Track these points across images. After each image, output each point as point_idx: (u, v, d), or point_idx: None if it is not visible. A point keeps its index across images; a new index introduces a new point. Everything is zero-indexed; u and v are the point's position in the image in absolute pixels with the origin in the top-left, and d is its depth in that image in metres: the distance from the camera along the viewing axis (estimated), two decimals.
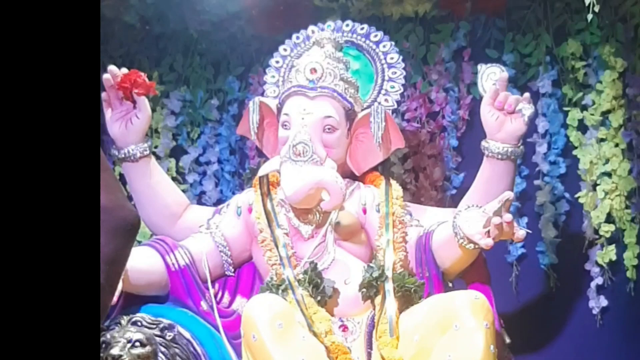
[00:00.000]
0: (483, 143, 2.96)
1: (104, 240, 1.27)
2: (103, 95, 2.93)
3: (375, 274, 2.81)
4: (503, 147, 2.92)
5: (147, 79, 2.87)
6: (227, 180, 3.75)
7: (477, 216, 2.66)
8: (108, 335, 2.56)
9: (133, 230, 1.37)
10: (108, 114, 2.96)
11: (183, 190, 3.34)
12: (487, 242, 2.61)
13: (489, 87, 2.96)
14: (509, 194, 2.59)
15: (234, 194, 3.59)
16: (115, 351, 2.51)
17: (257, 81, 3.69)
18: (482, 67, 3.03)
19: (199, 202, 3.64)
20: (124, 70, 2.88)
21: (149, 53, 3.83)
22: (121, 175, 3.14)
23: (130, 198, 3.74)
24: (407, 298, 2.79)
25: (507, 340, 2.82)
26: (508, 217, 2.54)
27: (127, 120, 2.95)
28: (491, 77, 2.99)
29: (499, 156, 2.93)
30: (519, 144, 2.95)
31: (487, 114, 2.94)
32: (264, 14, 3.53)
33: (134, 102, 2.92)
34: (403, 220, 2.94)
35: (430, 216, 3.04)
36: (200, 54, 3.80)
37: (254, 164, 3.57)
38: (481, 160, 3.00)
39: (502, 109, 2.92)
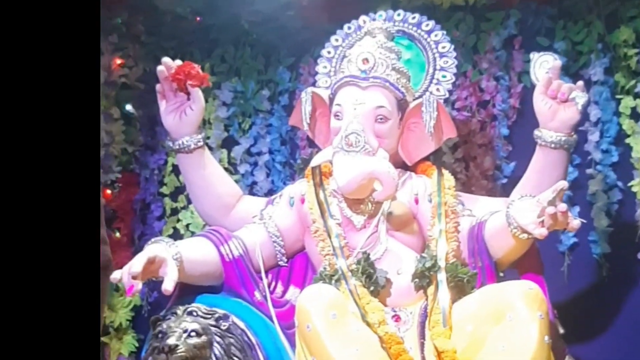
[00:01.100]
0: (536, 132, 2.94)
1: None
2: (157, 87, 2.95)
3: (428, 264, 2.80)
4: (556, 136, 2.90)
5: (200, 71, 2.88)
6: (278, 170, 3.77)
7: (531, 206, 2.65)
8: (164, 325, 2.59)
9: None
10: (162, 105, 2.97)
11: (235, 181, 3.36)
12: (541, 232, 2.60)
13: (542, 75, 2.94)
14: (563, 184, 2.57)
15: (285, 184, 3.61)
16: (171, 341, 2.53)
17: (307, 71, 3.70)
18: (534, 55, 3.01)
19: (251, 193, 3.66)
20: (178, 62, 2.89)
21: (201, 44, 3.85)
22: (175, 166, 3.17)
23: (182, 190, 3.80)
24: (460, 288, 2.78)
25: (561, 331, 2.81)
26: (563, 206, 2.53)
27: (181, 112, 2.96)
28: (544, 65, 2.97)
29: (552, 145, 2.91)
30: (572, 133, 2.92)
31: (540, 103, 2.92)
32: (315, 4, 3.54)
33: (187, 93, 2.93)
34: (455, 210, 2.93)
35: (482, 206, 3.02)
36: (251, 45, 3.82)
37: (305, 155, 3.59)
38: (532, 149, 2.98)
39: (555, 97, 2.90)
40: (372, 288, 2.78)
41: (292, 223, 3.02)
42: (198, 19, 3.81)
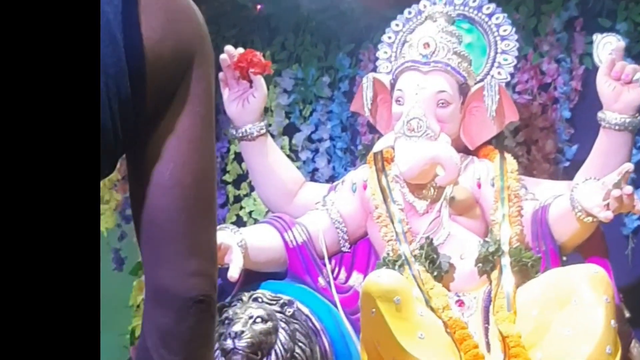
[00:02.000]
0: (599, 114, 2.91)
1: (167, 321, 1.17)
2: (220, 75, 2.97)
3: (491, 249, 2.80)
4: (620, 117, 2.87)
5: (262, 58, 2.90)
6: (339, 156, 3.78)
7: (596, 189, 2.63)
8: (230, 312, 2.61)
9: (204, 307, 1.20)
10: (225, 94, 2.99)
11: (296, 168, 3.37)
12: (606, 215, 2.58)
13: (605, 56, 2.91)
14: (629, 166, 2.56)
15: (346, 170, 3.62)
16: (237, 327, 2.56)
17: (367, 57, 3.70)
18: (597, 37, 2.98)
19: (312, 179, 3.67)
20: (240, 50, 2.91)
21: (261, 32, 3.87)
22: (237, 154, 3.18)
23: (244, 177, 3.82)
24: (524, 273, 2.78)
25: (627, 315, 2.79)
26: (628, 189, 2.51)
27: (244, 100, 2.97)
28: (607, 46, 2.94)
29: (616, 127, 2.88)
30: (637, 115, 2.89)
31: (604, 85, 2.89)
32: None
33: (250, 81, 2.94)
34: (518, 194, 2.92)
35: (545, 189, 3.01)
36: (311, 32, 3.82)
37: (366, 140, 3.59)
38: (594, 132, 2.95)
39: (619, 79, 2.87)
40: (435, 273, 2.79)
41: (355, 209, 3.03)
42: (258, 7, 3.83)
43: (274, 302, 2.67)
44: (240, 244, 2.69)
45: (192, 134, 1.17)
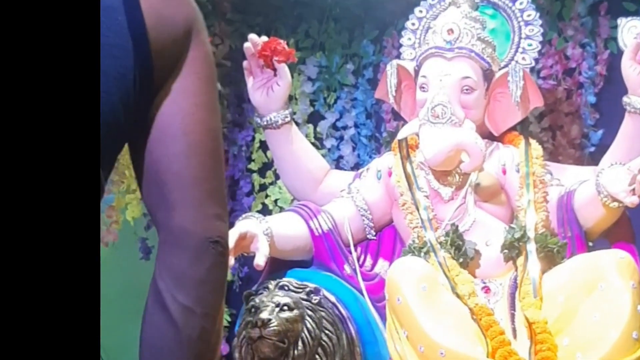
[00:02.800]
0: (625, 99, 2.89)
1: (182, 263, 1.19)
2: (244, 64, 2.97)
3: (517, 235, 2.80)
4: None
5: (286, 46, 2.90)
6: (364, 144, 3.78)
7: (622, 174, 2.63)
8: (257, 300, 2.63)
9: (219, 250, 1.22)
10: (250, 82, 2.99)
11: (321, 155, 3.38)
12: (632, 200, 2.58)
13: (630, 40, 2.89)
14: None
15: (370, 157, 3.62)
16: (264, 315, 2.57)
17: (391, 44, 3.70)
18: (622, 21, 2.96)
19: (337, 167, 3.68)
20: (264, 38, 2.91)
21: (285, 20, 3.88)
22: (262, 142, 3.19)
23: (270, 166, 3.83)
24: (550, 259, 2.77)
25: None
26: None
27: (269, 88, 2.97)
28: (632, 30, 2.92)
29: None
30: None
31: (629, 69, 2.88)
32: None
33: (274, 69, 2.94)
34: (543, 179, 2.92)
35: (570, 175, 3.00)
36: (335, 19, 3.82)
37: (390, 127, 3.59)
38: (620, 117, 2.94)
39: None
40: (461, 260, 2.79)
41: (380, 196, 3.03)
42: None
43: (300, 290, 2.68)
44: (266, 233, 2.71)
45: (197, 90, 1.21)
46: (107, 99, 1.11)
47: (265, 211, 3.79)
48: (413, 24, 3.22)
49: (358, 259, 2.95)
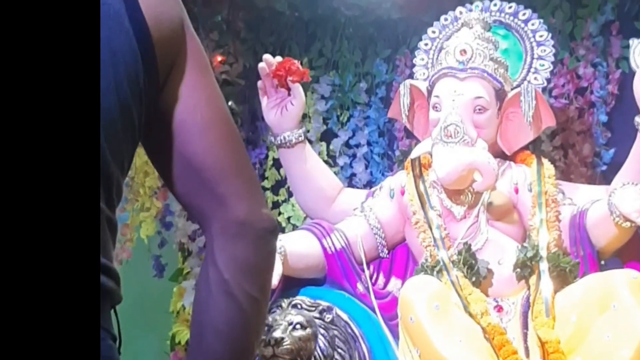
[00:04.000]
0: (636, 119, 2.89)
1: (246, 253, 1.22)
2: (259, 83, 2.99)
3: (530, 254, 2.80)
4: None
5: (300, 66, 2.92)
6: (377, 162, 3.79)
7: (634, 193, 2.64)
8: (270, 318, 2.63)
9: (275, 236, 1.26)
10: (264, 101, 3.02)
11: (334, 173, 3.39)
12: None
13: None
14: None
15: (383, 175, 3.63)
16: (277, 334, 2.58)
17: (404, 63, 3.71)
18: (634, 41, 2.96)
19: (350, 184, 3.69)
20: (278, 58, 2.93)
21: (299, 39, 3.90)
22: (276, 160, 3.21)
23: (283, 183, 3.85)
24: (562, 278, 2.78)
25: None
26: None
27: (283, 107, 2.99)
28: None
29: None
30: None
31: None
32: None
33: (288, 89, 2.96)
34: (556, 199, 2.93)
35: (582, 194, 3.01)
36: (348, 38, 3.84)
37: (403, 146, 3.60)
38: (631, 136, 2.94)
39: None
40: (473, 279, 2.80)
41: (393, 215, 3.04)
42: (296, 14, 3.86)
43: (313, 309, 2.69)
44: (279, 251, 2.72)
45: (203, 83, 1.24)
46: (124, 104, 1.13)
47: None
48: (426, 44, 3.24)
49: (371, 277, 2.96)
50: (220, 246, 1.22)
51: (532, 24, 3.17)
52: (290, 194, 3.78)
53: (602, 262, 2.87)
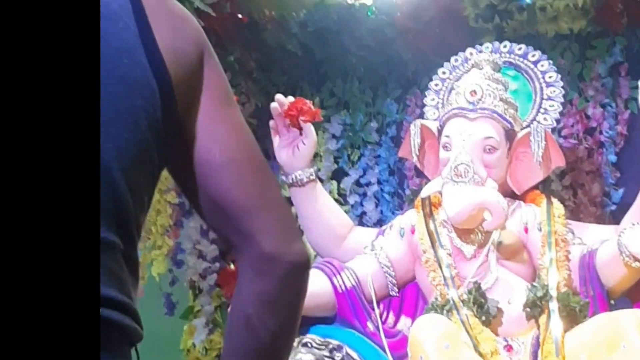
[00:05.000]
0: None
1: (272, 288, 1.21)
2: (271, 123, 3.02)
3: (539, 294, 2.81)
4: None
5: (312, 106, 2.95)
6: (387, 200, 3.80)
7: None
8: None
9: (306, 271, 1.25)
10: (276, 141, 3.04)
11: (344, 211, 3.40)
12: None
13: None
14: None
15: (393, 214, 3.65)
16: None
17: (414, 103, 3.74)
18: None
19: (360, 223, 3.70)
20: (290, 98, 2.96)
21: (310, 79, 3.93)
22: (287, 199, 3.21)
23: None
24: (572, 317, 2.78)
25: None
26: None
27: (294, 147, 3.01)
28: None
29: None
30: None
31: None
32: (420, 38, 3.59)
33: (300, 128, 2.98)
34: (565, 238, 2.93)
35: (592, 234, 3.02)
36: (359, 78, 3.87)
37: (413, 185, 3.62)
38: None
39: None
40: (483, 318, 2.80)
41: (403, 253, 3.06)
42: (308, 54, 3.89)
43: (323, 347, 2.69)
44: None
45: (223, 115, 1.22)
46: (142, 139, 1.13)
47: None
48: (436, 85, 3.27)
49: (381, 316, 2.97)
50: (247, 280, 1.22)
51: (542, 65, 3.20)
52: (301, 232, 3.78)
53: (612, 302, 2.88)
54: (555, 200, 3.03)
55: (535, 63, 3.21)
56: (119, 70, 1.10)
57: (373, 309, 2.94)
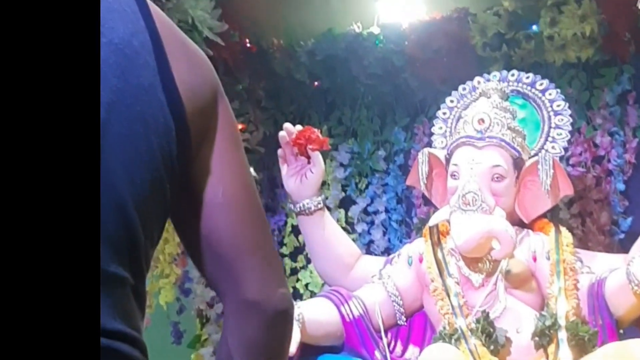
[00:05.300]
0: None
1: (255, 334, 1.21)
2: (279, 151, 3.03)
3: (548, 323, 2.80)
4: None
5: (320, 135, 2.95)
6: (395, 228, 3.81)
7: None
8: None
9: (289, 317, 1.25)
10: (284, 169, 3.04)
11: (352, 240, 3.41)
12: None
13: None
14: None
15: (401, 242, 3.65)
16: None
17: (422, 131, 3.75)
18: None
19: (368, 251, 3.71)
20: (298, 127, 2.97)
21: (318, 107, 3.95)
22: (294, 227, 3.22)
23: (301, 250, 3.86)
24: (581, 347, 2.76)
25: None
26: None
27: (302, 175, 3.01)
28: None
29: None
30: None
31: None
32: (428, 66, 3.60)
33: (308, 157, 2.99)
34: (574, 267, 2.92)
35: (601, 262, 3.01)
36: (367, 106, 3.89)
37: (421, 213, 3.62)
38: None
39: None
40: (492, 347, 2.79)
41: (411, 282, 3.05)
42: (316, 83, 3.91)
43: None
44: (297, 318, 2.73)
45: (231, 157, 1.23)
46: (157, 176, 1.13)
47: (296, 295, 3.81)
48: (444, 113, 3.27)
49: (389, 345, 2.96)
50: (232, 326, 1.23)
51: (550, 94, 3.20)
52: (308, 261, 3.79)
53: (621, 331, 2.86)
54: (563, 229, 3.03)
55: (543, 91, 3.21)
56: (137, 106, 1.10)
57: (381, 338, 2.94)
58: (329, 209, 3.60)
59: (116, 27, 1.11)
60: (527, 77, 3.25)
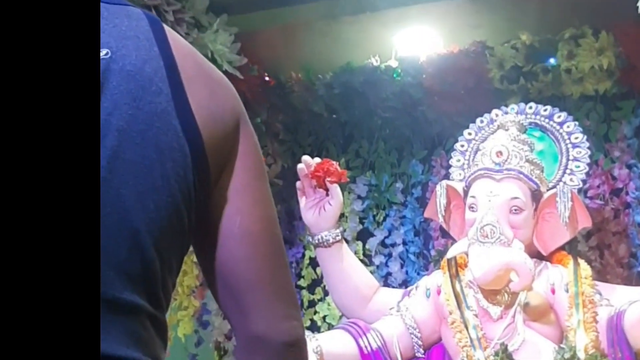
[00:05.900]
0: None
1: None
2: (297, 184, 3.04)
3: (567, 355, 2.78)
4: None
5: (338, 167, 2.96)
6: (412, 261, 3.81)
7: None
8: None
9: (296, 349, 1.24)
10: (302, 202, 3.05)
11: (370, 272, 3.41)
12: None
13: None
14: None
15: (418, 274, 3.65)
16: None
17: (439, 164, 3.76)
18: None
19: (385, 283, 3.71)
20: (317, 159, 2.98)
21: (336, 140, 3.96)
22: (312, 259, 3.22)
23: (319, 282, 3.87)
24: None
25: None
26: None
27: (321, 208, 3.02)
28: None
29: None
30: None
31: None
32: (446, 99, 3.62)
33: (326, 189, 3.00)
34: (593, 299, 2.91)
35: (619, 295, 2.99)
36: (384, 139, 3.90)
37: (438, 246, 3.62)
38: None
39: None
40: None
41: (429, 314, 3.04)
42: (334, 116, 3.93)
43: None
44: (315, 351, 2.73)
45: (251, 187, 1.22)
46: (173, 202, 1.12)
47: (313, 327, 3.81)
48: (462, 146, 3.28)
49: None
50: (240, 359, 1.23)
51: (568, 126, 3.21)
52: (326, 293, 3.79)
53: None
54: (582, 261, 3.02)
55: (561, 124, 3.22)
56: (150, 132, 1.11)
57: None
58: (346, 241, 3.60)
59: (128, 54, 1.12)
60: (545, 110, 3.26)
